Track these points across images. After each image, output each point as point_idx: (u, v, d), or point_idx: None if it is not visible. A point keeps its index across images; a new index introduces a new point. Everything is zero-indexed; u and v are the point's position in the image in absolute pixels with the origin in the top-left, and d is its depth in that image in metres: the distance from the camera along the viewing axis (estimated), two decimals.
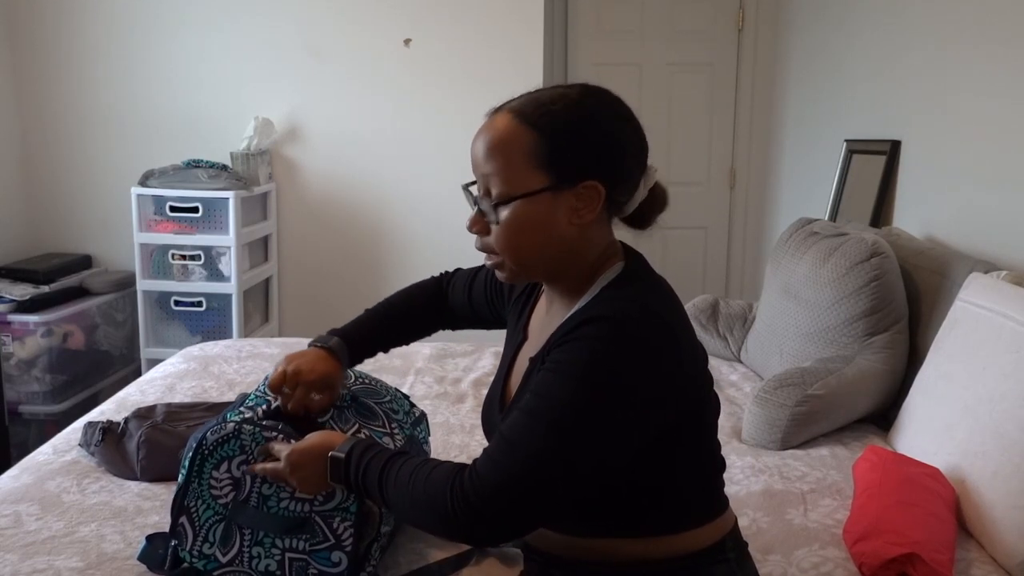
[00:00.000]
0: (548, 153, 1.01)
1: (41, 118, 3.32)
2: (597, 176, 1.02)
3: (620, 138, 1.05)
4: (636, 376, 0.96)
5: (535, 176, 1.02)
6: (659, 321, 1.00)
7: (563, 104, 1.03)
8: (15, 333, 2.86)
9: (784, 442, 1.80)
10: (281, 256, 3.44)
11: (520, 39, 3.26)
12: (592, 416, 0.94)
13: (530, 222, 1.03)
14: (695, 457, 1.09)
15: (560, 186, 1.02)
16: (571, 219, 1.03)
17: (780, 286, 2.20)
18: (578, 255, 1.07)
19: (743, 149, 3.98)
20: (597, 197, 1.02)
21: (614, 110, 1.06)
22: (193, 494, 1.20)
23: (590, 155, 1.02)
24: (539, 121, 1.01)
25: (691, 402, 1.05)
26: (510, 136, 1.02)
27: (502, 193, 1.03)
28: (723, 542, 1.10)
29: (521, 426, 0.96)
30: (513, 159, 1.02)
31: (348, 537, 1.17)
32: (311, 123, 3.33)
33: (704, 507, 1.10)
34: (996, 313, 1.57)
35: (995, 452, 1.41)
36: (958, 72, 2.22)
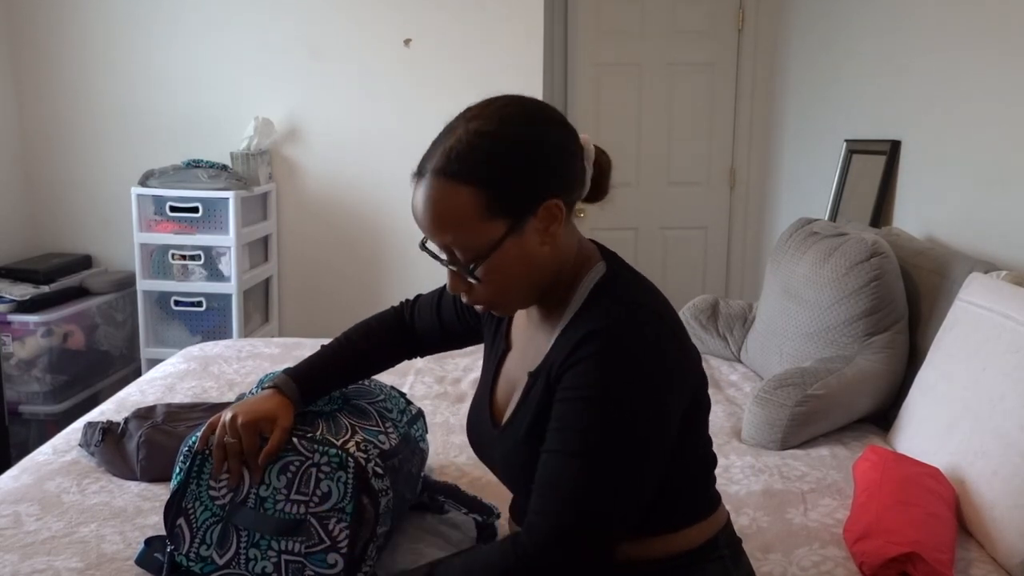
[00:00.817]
0: (493, 200, 0.97)
1: (41, 118, 3.32)
2: (550, 194, 1.00)
3: (551, 145, 1.01)
4: (650, 380, 0.96)
5: (492, 227, 0.98)
6: (655, 319, 1.00)
7: (484, 143, 0.98)
8: (15, 333, 2.86)
9: (784, 442, 1.80)
10: (281, 256, 3.44)
11: (520, 39, 3.26)
12: (619, 435, 0.94)
13: (507, 265, 1.01)
14: (689, 455, 1.08)
15: (520, 222, 0.99)
16: (543, 241, 1.02)
17: (780, 286, 2.20)
18: (557, 267, 1.06)
19: (743, 149, 3.98)
20: (559, 211, 1.01)
21: (528, 118, 1.02)
22: (191, 495, 1.20)
23: (533, 180, 0.99)
24: (467, 173, 0.97)
25: (691, 397, 1.05)
26: (449, 202, 0.98)
27: (469, 257, 1.00)
28: (716, 539, 1.11)
29: (556, 467, 0.95)
30: (463, 223, 0.98)
31: (344, 539, 1.16)
32: (311, 123, 3.32)
33: (697, 505, 1.11)
34: (996, 313, 1.57)
35: (995, 452, 1.41)
36: (958, 72, 2.22)
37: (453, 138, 1.00)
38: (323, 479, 1.18)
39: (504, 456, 1.12)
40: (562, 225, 1.02)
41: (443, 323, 1.37)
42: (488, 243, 0.99)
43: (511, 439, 1.09)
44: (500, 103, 1.03)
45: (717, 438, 1.83)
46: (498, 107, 1.02)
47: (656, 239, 4.05)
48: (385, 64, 3.27)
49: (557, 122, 1.04)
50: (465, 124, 1.01)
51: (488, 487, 1.56)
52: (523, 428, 1.06)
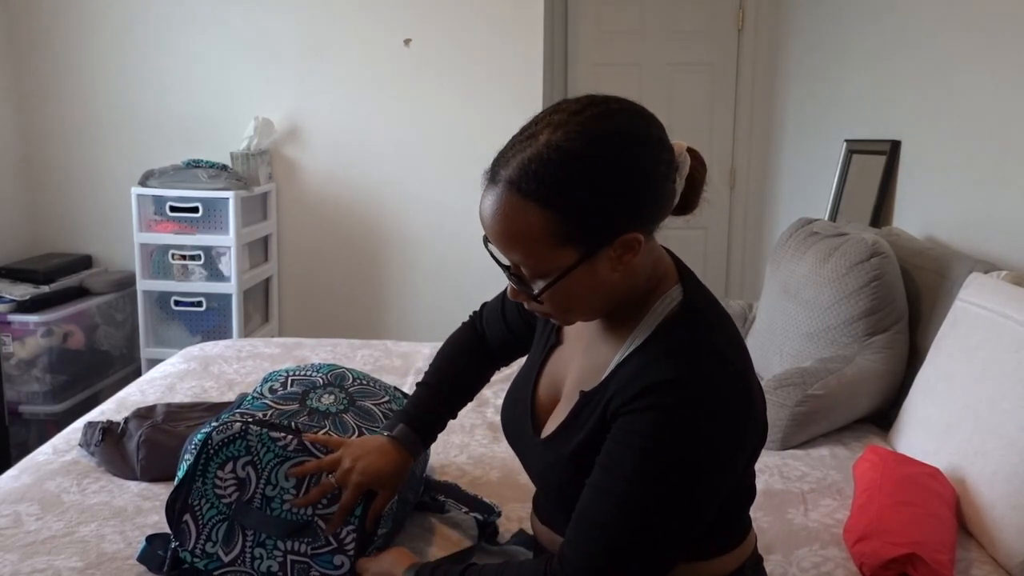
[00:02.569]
0: (567, 227, 0.90)
1: (41, 118, 3.32)
2: (630, 227, 0.92)
3: (641, 173, 0.92)
4: (712, 445, 0.91)
5: (563, 254, 0.91)
6: (732, 375, 0.93)
7: (564, 164, 0.88)
8: (15, 333, 2.86)
9: (784, 442, 1.80)
10: (281, 256, 3.44)
11: (520, 39, 3.26)
12: (669, 492, 0.90)
13: (574, 291, 0.95)
14: (735, 491, 1.04)
15: (593, 252, 0.92)
16: (615, 269, 0.94)
17: (780, 286, 2.20)
18: (630, 290, 0.99)
19: (743, 149, 3.98)
20: (637, 244, 0.93)
21: (621, 138, 0.92)
22: (197, 493, 1.20)
23: (613, 212, 0.91)
24: (545, 196, 0.89)
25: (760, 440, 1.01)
26: (519, 220, 0.90)
27: (535, 276, 0.94)
28: (743, 567, 1.08)
29: (598, 507, 0.92)
30: (532, 245, 0.91)
31: (351, 541, 1.17)
32: (311, 123, 3.32)
33: (732, 535, 1.08)
34: (996, 313, 1.57)
35: (995, 452, 1.41)
36: (958, 72, 2.22)
37: (533, 148, 0.90)
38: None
39: (544, 467, 1.08)
40: (637, 255, 0.94)
41: (511, 327, 1.30)
42: (556, 269, 0.92)
43: (554, 453, 1.03)
44: (594, 112, 0.92)
45: None
46: (590, 117, 0.91)
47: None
48: (385, 64, 3.27)
49: (654, 140, 0.94)
50: (550, 133, 0.90)
51: (488, 486, 1.56)
52: (569, 448, 1.00)
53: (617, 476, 0.91)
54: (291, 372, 1.43)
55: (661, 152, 0.94)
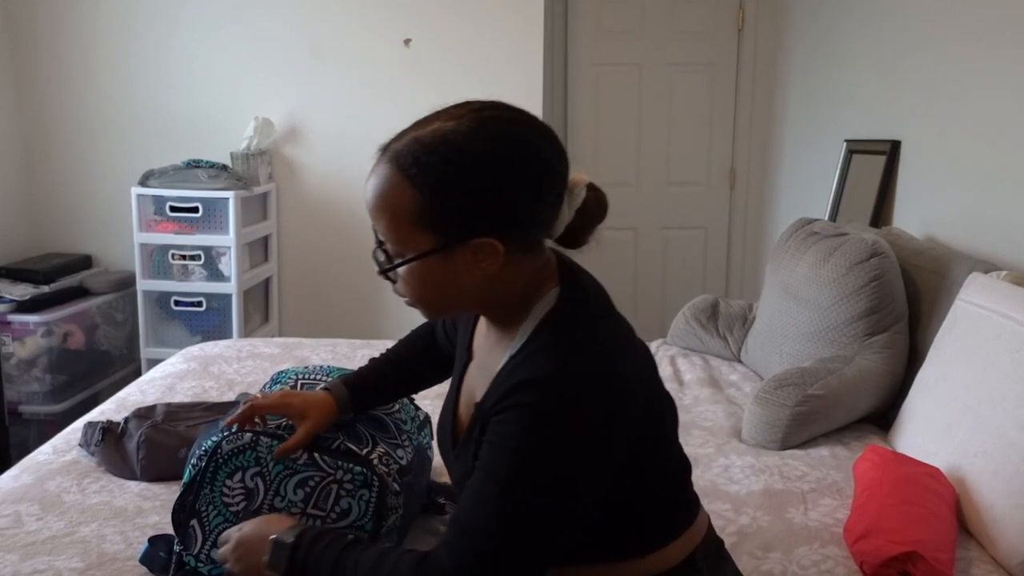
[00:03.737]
0: (430, 213, 0.92)
1: (41, 118, 3.32)
2: (489, 232, 0.92)
3: (516, 184, 0.93)
4: (575, 442, 0.90)
5: (421, 237, 0.93)
6: (597, 373, 0.93)
7: (444, 152, 0.91)
8: (15, 333, 2.86)
9: (784, 442, 1.80)
10: (281, 256, 3.44)
11: (520, 39, 3.26)
12: (536, 492, 0.89)
13: (427, 279, 0.96)
14: (654, 475, 1.03)
15: (449, 246, 0.93)
16: (471, 272, 0.95)
17: (780, 286, 2.20)
18: (498, 294, 0.99)
19: (743, 149, 3.98)
20: (495, 251, 0.93)
21: (508, 148, 0.93)
22: (205, 499, 1.19)
23: (476, 212, 0.92)
24: (417, 176, 0.92)
25: (645, 429, 0.99)
26: (391, 191, 0.94)
27: (393, 252, 0.97)
28: (693, 556, 1.06)
29: (471, 508, 0.92)
30: (397, 218, 0.94)
31: None
32: (311, 123, 3.32)
33: (668, 525, 1.05)
34: (996, 313, 1.57)
35: (995, 452, 1.41)
36: (958, 72, 2.22)
37: (423, 131, 0.95)
38: (344, 496, 1.18)
39: (457, 480, 1.08)
40: (497, 265, 0.94)
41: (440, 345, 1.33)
42: (412, 250, 0.95)
43: (462, 467, 1.04)
44: (491, 115, 0.95)
45: (717, 438, 1.84)
46: (485, 118, 0.94)
47: (656, 239, 4.05)
48: (385, 64, 3.27)
49: (536, 158, 0.95)
50: (443, 122, 0.94)
51: None
52: (471, 461, 1.00)
53: (487, 476, 0.92)
54: (300, 375, 1.42)
55: (541, 172, 0.95)
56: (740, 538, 1.41)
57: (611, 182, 4.13)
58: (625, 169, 3.98)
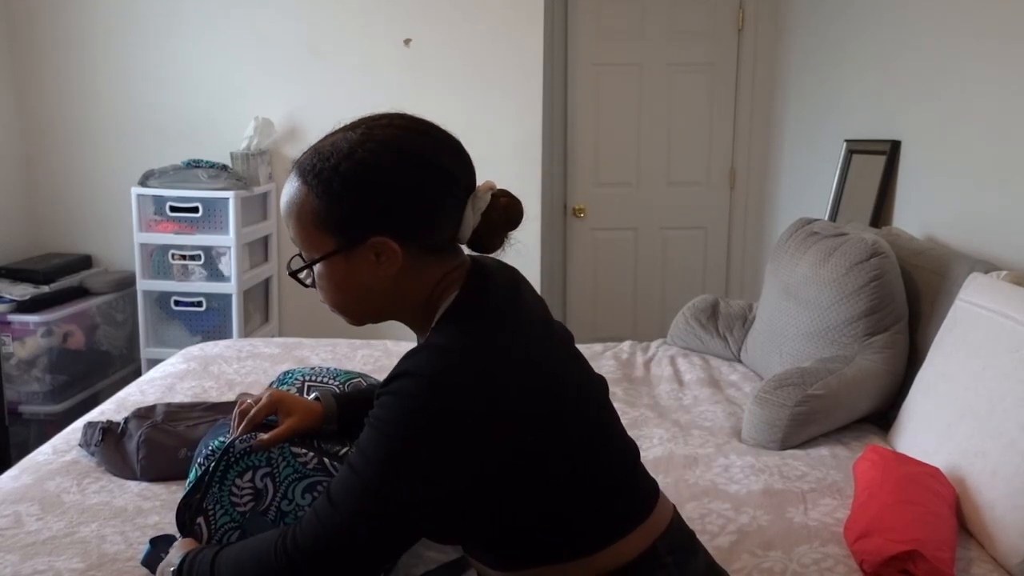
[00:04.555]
0: (326, 215, 0.98)
1: (41, 118, 3.32)
2: (382, 231, 0.98)
3: (404, 185, 0.98)
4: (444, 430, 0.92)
5: (323, 239, 1.00)
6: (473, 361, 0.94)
7: (335, 159, 0.98)
8: (15, 333, 2.86)
9: (784, 442, 1.80)
10: (281, 256, 3.44)
11: (520, 39, 3.27)
12: (402, 474, 0.92)
13: (335, 281, 1.02)
14: (589, 465, 1.02)
15: (348, 246, 0.99)
16: (375, 273, 1.00)
17: (780, 286, 2.20)
18: (404, 298, 1.03)
19: (743, 149, 3.98)
20: (391, 251, 0.98)
21: (396, 153, 0.99)
22: (213, 498, 1.19)
23: (366, 212, 0.98)
24: (313, 182, 0.98)
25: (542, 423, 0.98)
26: (296, 199, 1.00)
27: (304, 256, 1.03)
28: (654, 548, 1.03)
29: (340, 482, 0.95)
30: (301, 223, 1.00)
31: None
32: (311, 123, 3.32)
33: (620, 516, 1.04)
34: (996, 313, 1.57)
35: (995, 452, 1.41)
36: (958, 72, 2.22)
37: (325, 141, 1.02)
38: None
39: None
40: (396, 266, 0.99)
41: None
42: (316, 251, 1.00)
43: None
44: (390, 121, 1.03)
45: (717, 438, 1.84)
46: (377, 126, 1.02)
47: (656, 239, 4.05)
48: (385, 64, 3.27)
49: (429, 163, 1.00)
50: (343, 132, 1.02)
51: None
52: None
53: (358, 454, 0.95)
54: (307, 376, 1.41)
55: (432, 176, 1.00)
56: (740, 537, 1.41)
57: (611, 182, 4.17)
58: (625, 169, 3.98)
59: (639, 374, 2.33)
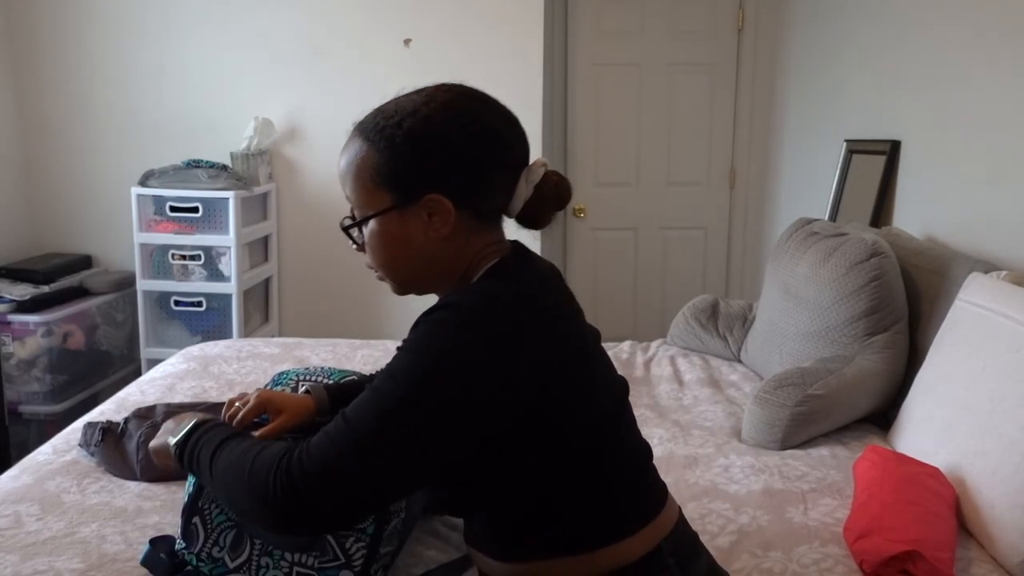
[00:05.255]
0: (385, 171, 1.01)
1: (41, 118, 3.32)
2: (438, 189, 1.00)
3: (464, 144, 1.01)
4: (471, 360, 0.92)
5: (380, 195, 1.02)
6: (503, 308, 0.96)
7: (399, 116, 1.01)
8: (15, 333, 2.86)
9: (784, 442, 1.80)
10: (281, 256, 3.44)
11: (520, 39, 3.27)
12: (427, 400, 0.91)
13: (387, 240, 1.03)
14: (602, 459, 1.02)
15: (403, 203, 1.01)
16: (427, 233, 1.02)
17: (780, 286, 2.20)
18: (450, 265, 1.05)
19: (743, 149, 3.98)
20: (445, 210, 1.00)
21: (458, 114, 1.02)
22: (208, 497, 1.19)
23: (426, 168, 1.00)
24: (376, 138, 1.01)
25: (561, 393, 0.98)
26: (355, 156, 1.03)
27: (358, 214, 1.05)
28: (659, 549, 1.04)
29: (359, 403, 0.94)
30: (359, 180, 1.03)
31: (360, 557, 1.17)
32: (311, 123, 3.33)
33: (629, 515, 1.04)
34: (996, 313, 1.57)
35: (995, 452, 1.41)
36: (958, 72, 2.22)
37: (388, 103, 1.05)
38: None
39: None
40: (449, 226, 1.01)
41: None
42: (371, 208, 1.03)
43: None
44: (452, 87, 1.05)
45: (717, 437, 1.84)
46: (446, 90, 1.05)
47: (656, 239, 4.05)
48: (385, 64, 3.27)
49: (486, 127, 1.03)
50: (409, 94, 1.05)
51: None
52: None
53: (383, 376, 0.95)
54: (300, 376, 1.42)
55: (490, 140, 1.03)
56: (740, 537, 1.41)
57: (611, 182, 4.17)
58: (625, 169, 3.98)
59: (639, 374, 2.33)
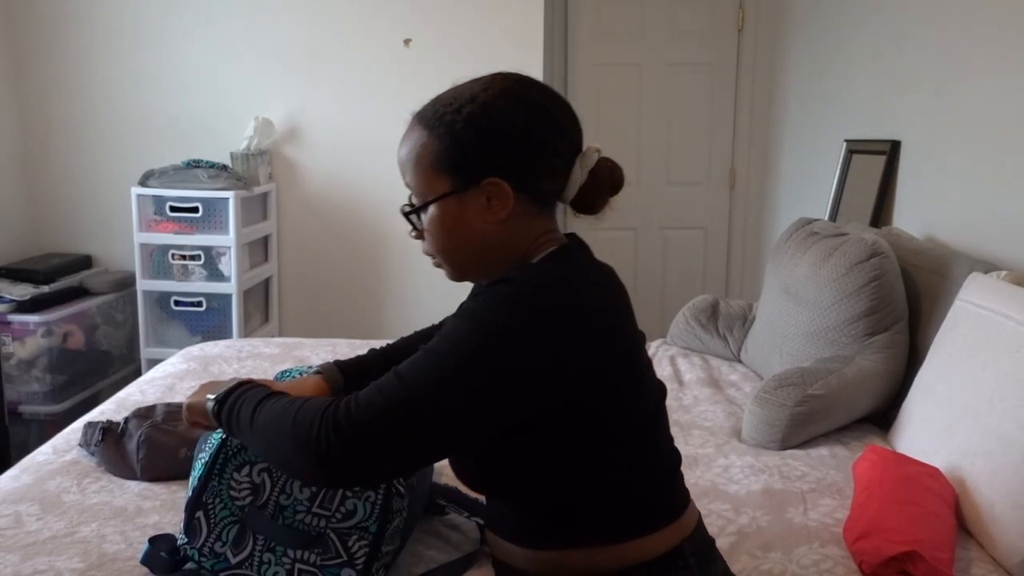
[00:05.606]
0: (445, 156, 1.03)
1: (41, 118, 3.33)
2: (498, 172, 1.02)
3: (522, 129, 1.03)
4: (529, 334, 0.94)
5: (440, 181, 1.04)
6: (564, 287, 0.98)
7: (458, 103, 1.04)
8: (15, 333, 2.86)
9: (784, 442, 1.80)
10: (281, 256, 3.44)
11: (520, 39, 3.27)
12: (482, 365, 0.93)
13: (447, 225, 1.05)
14: (636, 455, 1.05)
15: (463, 187, 1.03)
16: (486, 217, 1.04)
17: (780, 286, 2.20)
18: (507, 250, 1.07)
19: (743, 149, 3.98)
20: (504, 193, 1.03)
21: (516, 99, 1.05)
22: (212, 491, 1.20)
23: (485, 152, 1.03)
24: (435, 125, 1.04)
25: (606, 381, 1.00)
26: (415, 144, 1.05)
27: (418, 200, 1.07)
28: (681, 548, 1.05)
29: (414, 362, 0.95)
30: (419, 167, 1.05)
31: (362, 556, 1.17)
32: (311, 123, 3.33)
33: (655, 512, 1.06)
34: (996, 313, 1.57)
35: (995, 452, 1.41)
36: (958, 72, 2.22)
37: (448, 91, 1.08)
38: (350, 497, 1.18)
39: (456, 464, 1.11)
40: (507, 209, 1.03)
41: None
42: (432, 193, 1.05)
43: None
44: (509, 75, 1.08)
45: (717, 438, 1.84)
46: (503, 77, 1.08)
47: (656, 239, 4.05)
48: (385, 64, 3.27)
49: (544, 113, 1.05)
50: (467, 82, 1.08)
51: None
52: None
53: (439, 338, 0.97)
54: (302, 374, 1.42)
55: (548, 125, 1.06)
56: (740, 538, 1.41)
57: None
58: (625, 169, 3.89)
59: None
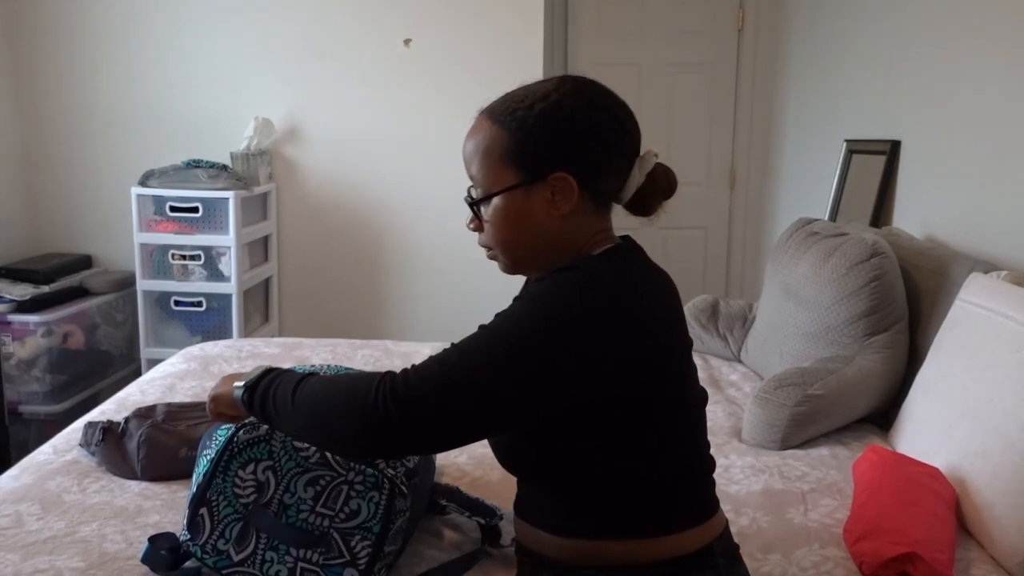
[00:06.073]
0: (515, 150, 1.06)
1: (41, 118, 3.32)
2: (565, 168, 1.05)
3: (590, 128, 1.06)
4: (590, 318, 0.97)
5: (507, 173, 1.06)
6: (623, 281, 1.02)
7: (530, 100, 1.06)
8: (15, 333, 2.86)
9: (784, 442, 1.80)
10: (281, 256, 3.44)
11: (520, 39, 3.26)
12: (539, 343, 0.96)
13: (510, 217, 1.08)
14: (678, 452, 1.08)
15: (530, 181, 1.06)
16: (549, 211, 1.06)
17: (780, 286, 2.20)
18: (565, 245, 1.09)
19: (743, 149, 3.98)
20: (569, 188, 1.05)
21: (586, 100, 1.07)
22: (216, 489, 1.20)
23: (555, 147, 1.05)
24: (506, 119, 1.06)
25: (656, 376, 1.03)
26: (484, 137, 1.08)
27: (482, 192, 1.10)
28: (711, 547, 1.08)
29: (474, 338, 0.99)
30: (487, 159, 1.07)
31: (365, 556, 1.17)
32: (311, 123, 3.32)
33: (691, 509, 1.09)
34: (996, 313, 1.57)
35: (995, 452, 1.41)
36: (958, 72, 2.22)
37: (518, 89, 1.10)
38: (354, 497, 1.19)
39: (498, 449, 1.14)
40: (570, 204, 1.05)
41: None
42: (498, 185, 1.07)
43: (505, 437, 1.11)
44: (579, 79, 1.10)
45: (717, 438, 1.84)
46: (572, 79, 1.10)
47: (656, 239, 4.05)
48: (385, 64, 3.27)
49: (609, 113, 1.08)
50: (536, 82, 1.10)
51: (489, 487, 1.56)
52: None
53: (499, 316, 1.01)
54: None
55: (613, 125, 1.08)
56: (740, 539, 1.40)
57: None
58: None
59: None
